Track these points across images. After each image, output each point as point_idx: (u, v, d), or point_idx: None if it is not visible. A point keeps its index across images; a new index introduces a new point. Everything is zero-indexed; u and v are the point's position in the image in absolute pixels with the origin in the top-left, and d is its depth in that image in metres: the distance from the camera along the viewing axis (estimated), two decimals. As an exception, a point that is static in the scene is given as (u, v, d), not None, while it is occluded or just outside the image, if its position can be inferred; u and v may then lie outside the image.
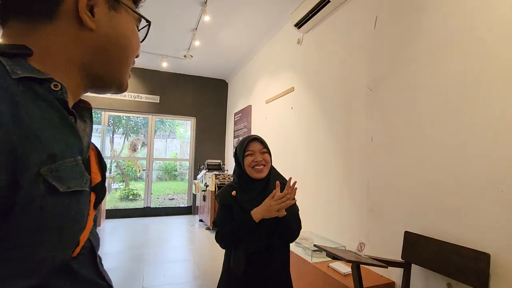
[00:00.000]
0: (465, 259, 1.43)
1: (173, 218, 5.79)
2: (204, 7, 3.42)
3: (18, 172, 0.30)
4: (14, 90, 0.33)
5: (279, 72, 3.87)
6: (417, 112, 1.82)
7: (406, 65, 1.91)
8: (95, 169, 0.46)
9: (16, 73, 0.34)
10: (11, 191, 0.30)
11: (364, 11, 2.34)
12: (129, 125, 10.56)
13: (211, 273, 3.03)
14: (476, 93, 1.49)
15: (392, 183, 1.97)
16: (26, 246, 0.32)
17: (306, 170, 3.06)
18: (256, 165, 1.27)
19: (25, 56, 0.38)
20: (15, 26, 0.40)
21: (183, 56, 4.92)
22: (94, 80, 0.46)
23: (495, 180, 1.38)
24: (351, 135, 2.42)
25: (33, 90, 0.35)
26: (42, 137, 0.33)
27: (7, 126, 0.30)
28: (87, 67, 0.44)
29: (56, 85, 0.38)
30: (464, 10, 1.57)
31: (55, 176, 0.34)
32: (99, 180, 0.46)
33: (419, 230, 1.73)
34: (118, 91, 0.51)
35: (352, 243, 2.28)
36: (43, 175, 0.32)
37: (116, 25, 0.46)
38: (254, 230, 1.18)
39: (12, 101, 0.32)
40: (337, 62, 2.65)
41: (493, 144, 1.40)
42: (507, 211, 1.33)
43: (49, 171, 0.33)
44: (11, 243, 0.31)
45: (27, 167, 0.31)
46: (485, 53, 1.45)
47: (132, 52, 0.50)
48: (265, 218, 1.18)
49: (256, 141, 1.32)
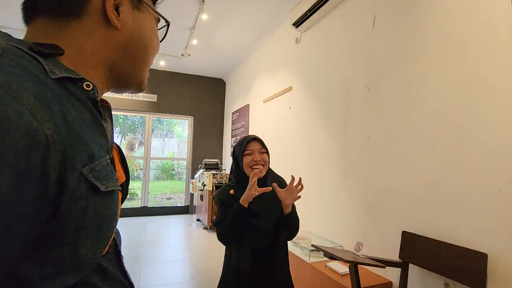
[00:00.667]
0: (463, 259, 1.43)
1: (170, 217, 5.77)
2: (202, 6, 3.40)
3: (66, 172, 0.31)
4: (56, 90, 0.33)
5: (277, 71, 3.86)
6: (415, 111, 1.81)
7: (405, 64, 1.91)
8: (119, 168, 0.47)
9: (54, 73, 0.34)
10: (60, 190, 0.31)
11: (362, 10, 2.34)
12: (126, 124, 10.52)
13: (208, 273, 3.02)
14: (474, 93, 1.49)
15: (390, 183, 1.97)
16: (71, 244, 0.33)
17: (304, 169, 3.05)
18: (254, 164, 1.28)
19: (58, 56, 0.38)
20: (42, 24, 0.40)
21: (180, 54, 4.90)
22: (117, 80, 0.47)
23: (493, 180, 1.38)
24: (349, 134, 2.41)
25: (68, 90, 0.36)
26: (83, 137, 0.34)
27: (61, 127, 0.31)
28: (112, 66, 0.45)
29: (88, 85, 0.39)
30: (462, 10, 1.57)
31: (95, 175, 0.35)
32: (124, 179, 0.48)
33: (417, 230, 1.73)
34: (138, 90, 0.52)
35: (349, 243, 2.28)
36: (85, 174, 0.33)
37: (140, 25, 0.47)
38: (246, 215, 1.19)
39: (58, 101, 0.32)
40: (335, 61, 2.65)
41: (491, 144, 1.40)
42: (505, 211, 1.33)
43: (90, 171, 0.34)
44: (58, 241, 0.32)
45: (74, 167, 0.32)
46: (484, 52, 1.45)
47: (153, 51, 0.50)
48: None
49: (255, 141, 1.33)
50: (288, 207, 1.25)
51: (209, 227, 4.71)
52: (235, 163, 1.36)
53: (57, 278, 0.34)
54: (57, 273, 0.33)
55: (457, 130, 1.56)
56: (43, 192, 0.30)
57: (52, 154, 0.30)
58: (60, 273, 0.34)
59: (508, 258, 1.31)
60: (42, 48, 0.36)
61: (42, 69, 0.34)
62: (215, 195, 1.34)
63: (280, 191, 1.23)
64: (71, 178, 0.32)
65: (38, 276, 0.32)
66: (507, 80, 1.34)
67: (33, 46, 0.35)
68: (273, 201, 1.30)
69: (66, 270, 0.34)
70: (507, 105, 1.34)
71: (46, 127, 0.29)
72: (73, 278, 0.35)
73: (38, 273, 0.32)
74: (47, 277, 0.33)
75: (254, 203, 1.24)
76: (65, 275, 0.34)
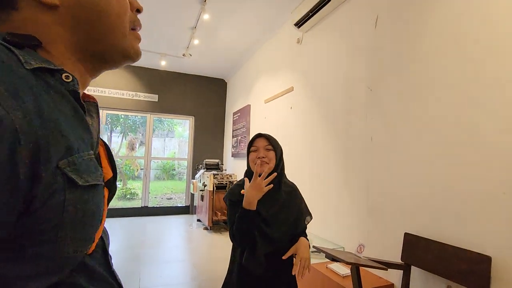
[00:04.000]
0: (466, 261, 1.42)
1: (171, 217, 5.76)
2: (204, 6, 3.39)
3: (40, 165, 0.29)
4: (31, 80, 0.32)
5: (278, 72, 3.85)
6: (417, 112, 1.80)
7: (407, 65, 1.90)
8: (105, 164, 0.45)
9: (30, 64, 0.33)
10: (32, 185, 0.29)
11: (365, 11, 2.32)
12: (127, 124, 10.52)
13: (208, 274, 3.01)
14: (477, 93, 1.48)
15: (392, 184, 1.95)
16: (50, 242, 0.32)
17: (305, 170, 3.04)
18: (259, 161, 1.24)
19: (35, 47, 0.36)
20: None
21: (182, 55, 4.90)
22: (95, 58, 0.43)
23: (496, 182, 1.37)
24: (350, 135, 2.40)
25: (45, 81, 0.34)
26: (60, 129, 0.32)
27: (32, 117, 0.29)
28: (79, 46, 0.41)
29: (68, 76, 0.37)
30: (465, 9, 1.56)
31: (73, 169, 0.33)
32: (111, 175, 0.45)
33: (419, 231, 1.72)
34: (129, 60, 0.47)
35: (351, 245, 2.27)
36: (62, 168, 0.32)
37: None
38: (254, 218, 1.13)
39: (32, 91, 0.31)
40: (337, 62, 2.64)
41: (495, 145, 1.39)
42: (509, 214, 1.31)
43: (67, 164, 0.32)
44: (36, 239, 0.31)
45: (49, 160, 0.30)
46: (488, 52, 1.44)
47: (117, 10, 0.43)
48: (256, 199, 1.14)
49: (261, 137, 1.30)
50: None
51: (210, 227, 4.70)
52: (247, 162, 1.32)
53: (37, 278, 0.32)
54: (37, 272, 0.32)
55: (461, 131, 1.55)
56: (11, 186, 0.28)
57: (22, 145, 0.28)
58: (40, 272, 0.32)
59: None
60: (18, 39, 0.34)
61: (16, 59, 0.32)
62: (225, 196, 1.29)
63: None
64: (45, 171, 0.30)
65: (17, 277, 0.31)
66: (510, 79, 1.33)
67: (8, 37, 0.34)
68: (286, 208, 1.25)
69: (46, 269, 0.33)
70: (511, 106, 1.33)
71: (14, 116, 0.27)
72: (55, 277, 0.34)
73: (17, 273, 0.31)
74: (27, 276, 0.32)
75: (265, 208, 1.19)
76: (45, 275, 0.33)
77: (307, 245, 1.23)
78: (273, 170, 1.24)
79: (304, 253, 1.18)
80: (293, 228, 1.26)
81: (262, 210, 1.18)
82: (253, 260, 1.16)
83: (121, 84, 5.59)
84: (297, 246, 1.20)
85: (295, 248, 1.20)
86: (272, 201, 1.20)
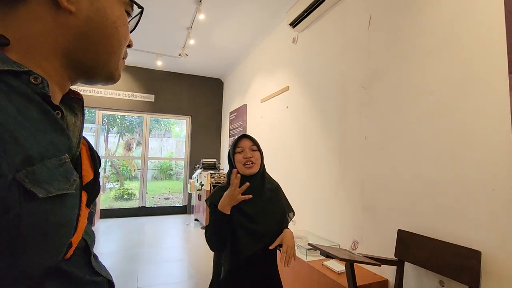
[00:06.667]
0: (457, 257, 1.45)
1: (168, 217, 5.77)
2: (199, 6, 3.40)
3: None
4: None
5: (274, 71, 3.87)
6: (411, 111, 1.83)
7: (400, 64, 1.93)
8: (86, 166, 0.42)
9: None
10: None
11: (358, 10, 2.35)
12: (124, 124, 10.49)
13: (206, 273, 3.03)
14: (469, 92, 1.51)
15: (386, 182, 1.98)
16: (6, 257, 0.29)
17: (301, 169, 3.07)
18: (246, 161, 1.27)
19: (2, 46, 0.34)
20: None
21: (178, 54, 4.90)
22: (78, 69, 0.42)
23: (486, 179, 1.40)
24: (345, 133, 2.43)
25: (8, 85, 0.31)
26: (17, 137, 0.29)
27: None
28: (68, 54, 0.40)
29: (36, 77, 0.34)
30: (457, 9, 1.58)
31: (32, 180, 0.30)
32: (91, 177, 0.43)
33: (412, 228, 1.75)
34: (109, 82, 0.47)
35: (346, 242, 2.30)
36: (19, 180, 0.29)
37: (100, 9, 0.41)
38: (228, 222, 1.20)
39: None
40: (332, 61, 2.66)
41: (485, 143, 1.42)
42: (498, 210, 1.35)
43: (25, 176, 0.30)
44: None
45: (1, 173, 0.28)
46: (479, 51, 1.47)
47: (119, 40, 0.44)
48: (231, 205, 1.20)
49: (246, 138, 1.33)
50: None
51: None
52: (229, 164, 1.35)
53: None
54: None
55: (452, 129, 1.58)
56: None
57: None
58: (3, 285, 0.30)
59: (501, 255, 1.33)
60: None
61: None
62: (207, 198, 1.32)
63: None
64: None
65: None
66: (502, 79, 1.36)
67: None
68: (272, 204, 1.29)
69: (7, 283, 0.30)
70: (501, 104, 1.36)
71: None
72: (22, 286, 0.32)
73: None
74: None
75: (249, 205, 1.23)
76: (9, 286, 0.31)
77: (292, 234, 1.29)
78: (258, 169, 1.31)
79: (289, 241, 1.24)
80: (280, 223, 1.31)
81: (246, 208, 1.22)
82: (235, 262, 1.21)
83: (117, 84, 5.55)
84: (283, 236, 1.26)
85: (281, 238, 1.26)
86: (256, 198, 1.24)
